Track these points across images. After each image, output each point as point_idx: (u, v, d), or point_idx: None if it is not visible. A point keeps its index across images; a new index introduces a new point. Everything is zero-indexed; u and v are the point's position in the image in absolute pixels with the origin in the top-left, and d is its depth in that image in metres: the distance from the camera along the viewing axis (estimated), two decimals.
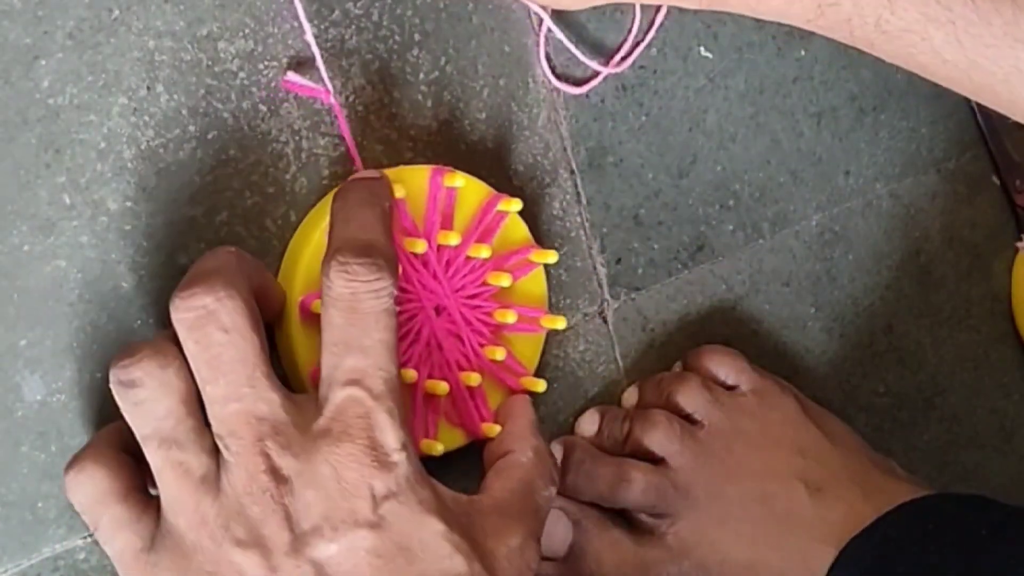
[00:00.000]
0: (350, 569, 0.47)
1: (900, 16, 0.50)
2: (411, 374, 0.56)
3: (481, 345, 0.58)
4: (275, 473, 0.47)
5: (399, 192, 0.55)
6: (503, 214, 0.59)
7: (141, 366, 0.48)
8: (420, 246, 0.56)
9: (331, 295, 0.49)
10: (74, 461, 0.50)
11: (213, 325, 0.48)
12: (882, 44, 0.51)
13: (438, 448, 0.56)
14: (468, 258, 0.58)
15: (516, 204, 0.58)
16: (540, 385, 0.59)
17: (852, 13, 0.50)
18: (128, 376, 0.48)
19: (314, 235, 0.55)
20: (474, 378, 0.57)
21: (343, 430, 0.48)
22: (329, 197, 0.57)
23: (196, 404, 0.49)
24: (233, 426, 0.48)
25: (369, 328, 0.49)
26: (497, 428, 0.58)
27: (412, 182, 0.57)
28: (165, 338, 0.50)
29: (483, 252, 0.57)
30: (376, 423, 0.48)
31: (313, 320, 0.54)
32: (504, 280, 0.58)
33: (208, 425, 0.49)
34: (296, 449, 0.48)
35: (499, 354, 0.58)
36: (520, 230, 0.60)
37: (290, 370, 0.56)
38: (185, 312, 0.48)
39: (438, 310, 0.57)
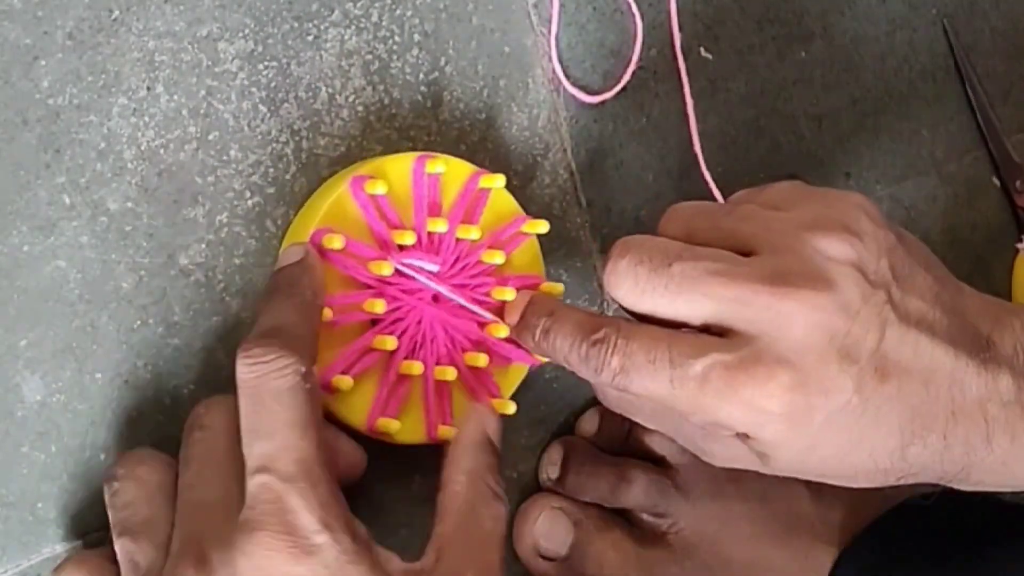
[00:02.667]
0: None
1: None
2: (417, 366, 0.56)
3: (482, 325, 0.58)
4: (202, 565, 0.46)
5: (381, 188, 0.55)
6: (487, 191, 0.58)
7: (122, 461, 0.51)
8: (409, 237, 0.56)
9: (238, 383, 0.49)
10: (57, 569, 0.52)
11: (195, 427, 0.51)
12: None
13: (394, 426, 0.56)
14: (459, 240, 0.58)
15: (499, 179, 0.58)
16: (510, 407, 0.59)
17: None
18: (110, 472, 0.51)
19: (302, 241, 0.55)
20: (481, 359, 0.58)
21: (257, 518, 0.46)
22: (311, 205, 0.57)
23: (164, 499, 0.50)
24: (180, 517, 0.49)
25: (273, 411, 0.47)
26: (512, 406, 0.58)
27: (395, 172, 0.57)
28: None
29: (472, 233, 0.57)
30: (288, 507, 0.46)
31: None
32: (498, 258, 0.58)
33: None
34: (223, 539, 0.46)
35: (502, 332, 0.58)
36: (508, 203, 0.60)
37: None
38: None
39: (436, 299, 0.57)
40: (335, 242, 0.54)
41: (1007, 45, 0.80)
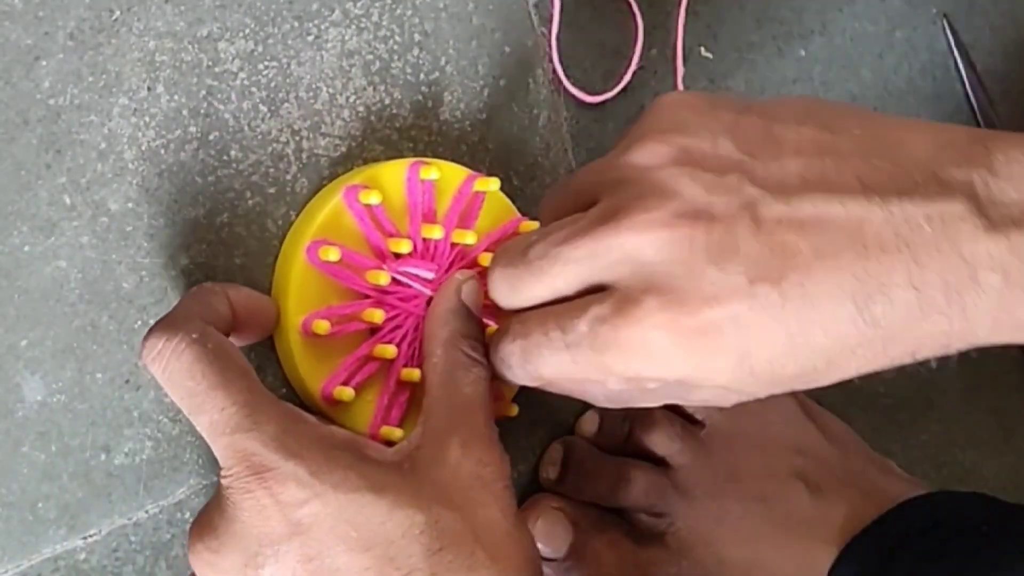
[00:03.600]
0: None
1: None
2: (417, 373, 0.56)
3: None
4: (211, 537, 0.48)
5: (375, 198, 0.55)
6: (482, 194, 0.58)
7: None
8: (405, 246, 0.56)
9: (158, 380, 0.49)
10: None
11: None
12: None
13: (397, 434, 0.56)
14: (455, 245, 0.58)
15: (494, 183, 0.58)
16: (512, 410, 0.59)
17: None
18: None
19: (298, 254, 0.55)
20: None
21: (230, 473, 0.47)
22: (306, 216, 0.57)
23: None
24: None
25: (192, 387, 0.48)
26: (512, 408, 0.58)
27: (389, 179, 0.57)
28: None
29: (468, 238, 0.57)
30: (248, 451, 0.47)
31: (316, 340, 0.55)
32: None
33: None
34: (220, 506, 0.48)
35: None
36: (504, 205, 0.60)
37: (299, 390, 0.57)
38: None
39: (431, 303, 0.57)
40: (331, 254, 0.54)
41: (1007, 43, 0.80)
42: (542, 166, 0.64)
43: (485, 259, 0.58)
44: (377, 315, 0.55)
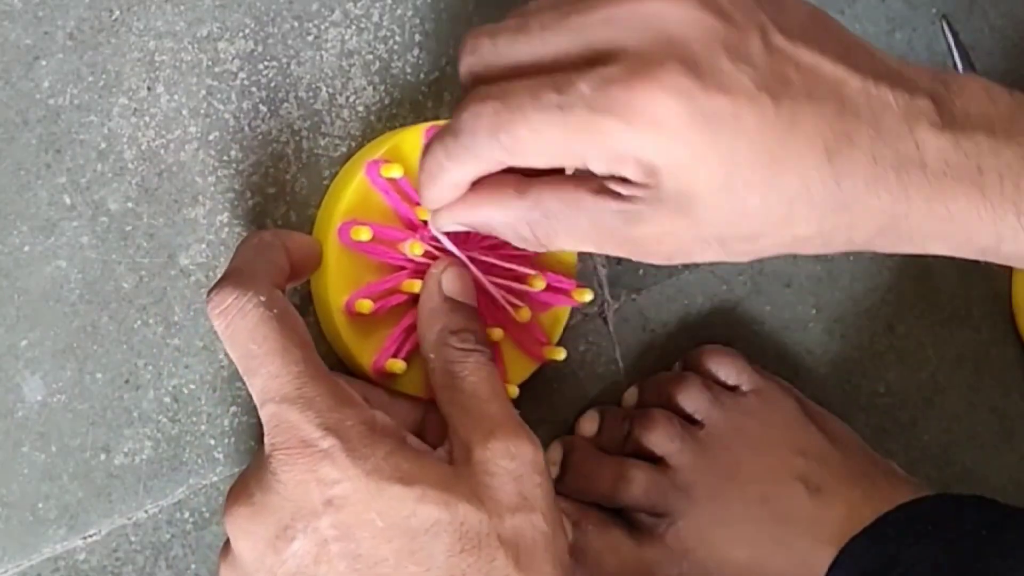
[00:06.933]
0: (316, 555, 0.47)
1: None
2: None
3: (519, 279, 0.58)
4: (248, 502, 0.48)
5: (397, 171, 0.55)
6: None
7: None
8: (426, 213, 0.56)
9: (219, 334, 0.49)
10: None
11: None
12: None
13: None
14: None
15: None
16: (560, 353, 0.60)
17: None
18: None
19: (331, 236, 0.55)
20: (524, 313, 0.58)
21: (272, 442, 0.48)
22: (332, 198, 0.57)
23: None
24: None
25: (249, 348, 0.49)
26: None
27: (409, 146, 0.56)
28: None
29: None
30: (292, 423, 0.48)
31: (360, 317, 0.55)
32: None
33: None
34: (258, 473, 0.49)
35: (539, 283, 0.58)
36: None
37: (351, 367, 0.57)
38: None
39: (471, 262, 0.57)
40: (363, 234, 0.54)
41: (1007, 44, 0.80)
42: None
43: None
44: (416, 285, 0.55)
